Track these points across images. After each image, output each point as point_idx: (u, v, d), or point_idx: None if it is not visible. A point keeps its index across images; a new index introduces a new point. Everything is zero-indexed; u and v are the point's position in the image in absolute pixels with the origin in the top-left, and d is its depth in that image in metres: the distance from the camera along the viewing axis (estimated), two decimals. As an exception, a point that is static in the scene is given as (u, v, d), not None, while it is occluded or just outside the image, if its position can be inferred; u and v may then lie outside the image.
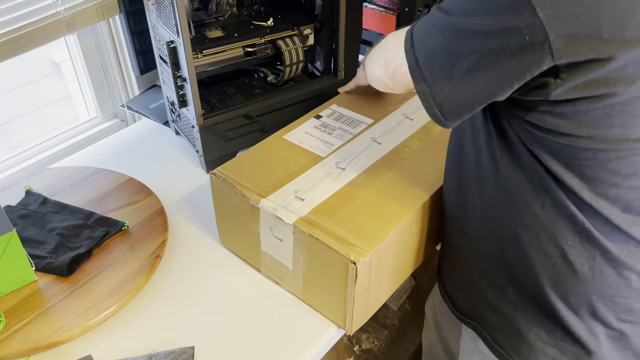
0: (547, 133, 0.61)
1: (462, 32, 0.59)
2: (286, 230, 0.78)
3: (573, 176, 0.62)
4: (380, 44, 0.82)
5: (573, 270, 0.67)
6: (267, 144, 0.93)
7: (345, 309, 0.77)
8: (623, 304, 0.69)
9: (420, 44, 0.66)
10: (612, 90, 0.55)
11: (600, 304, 0.68)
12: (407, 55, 0.67)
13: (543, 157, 0.63)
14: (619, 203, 0.63)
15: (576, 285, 0.68)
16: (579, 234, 0.65)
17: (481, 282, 0.79)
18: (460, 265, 0.84)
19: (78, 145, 1.24)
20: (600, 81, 0.54)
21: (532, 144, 0.64)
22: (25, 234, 0.90)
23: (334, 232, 0.75)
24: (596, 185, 0.62)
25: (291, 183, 0.83)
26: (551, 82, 0.56)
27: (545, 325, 0.73)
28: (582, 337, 0.71)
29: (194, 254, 0.93)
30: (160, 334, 0.80)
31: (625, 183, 0.62)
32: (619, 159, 0.60)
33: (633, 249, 0.66)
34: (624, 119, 0.57)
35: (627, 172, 0.61)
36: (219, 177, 0.84)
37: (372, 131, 0.95)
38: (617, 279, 0.67)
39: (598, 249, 0.65)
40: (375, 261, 0.74)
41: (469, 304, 0.84)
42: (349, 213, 0.78)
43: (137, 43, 1.20)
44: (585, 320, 0.70)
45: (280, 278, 0.86)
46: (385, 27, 1.38)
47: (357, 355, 1.30)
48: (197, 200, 1.04)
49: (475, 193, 0.75)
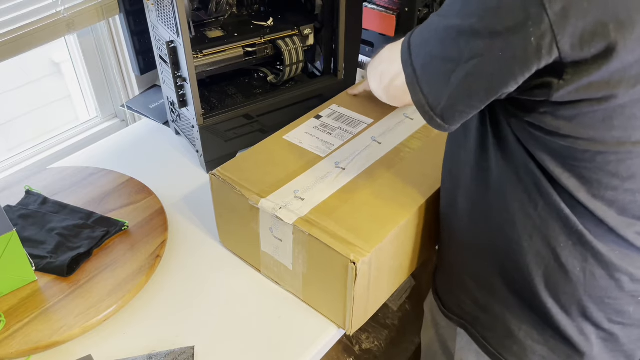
0: (546, 134, 0.61)
1: (463, 35, 0.58)
2: (286, 230, 0.78)
3: (570, 177, 0.62)
4: (377, 55, 0.80)
5: (565, 271, 0.67)
6: (267, 144, 0.93)
7: (345, 309, 0.77)
8: (613, 305, 0.69)
9: (417, 54, 0.64)
10: (614, 92, 0.54)
11: (590, 304, 0.68)
12: (405, 67, 0.65)
13: (541, 157, 0.63)
14: (615, 205, 0.63)
15: (567, 286, 0.68)
16: (571, 235, 0.65)
17: (470, 282, 0.80)
18: (450, 264, 0.84)
19: (78, 145, 1.24)
20: (602, 83, 0.54)
21: (530, 144, 0.63)
22: (25, 234, 0.90)
23: (334, 232, 0.75)
24: (593, 187, 0.62)
25: (291, 183, 0.83)
26: (554, 82, 0.55)
27: (536, 324, 0.73)
28: (572, 337, 0.71)
29: (194, 254, 0.93)
30: (160, 334, 0.80)
31: (623, 186, 0.62)
32: (617, 161, 0.60)
33: (625, 251, 0.66)
34: (624, 121, 0.57)
35: (625, 175, 0.61)
36: (218, 178, 0.84)
37: (372, 131, 0.95)
38: (608, 280, 0.67)
39: (590, 250, 0.65)
40: (375, 261, 0.74)
41: (458, 303, 0.84)
42: (348, 213, 0.78)
43: (137, 43, 1.20)
44: (575, 320, 0.70)
45: (280, 278, 0.86)
46: (385, 27, 1.38)
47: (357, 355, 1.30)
48: (197, 200, 1.04)
49: (465, 193, 0.75)
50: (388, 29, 1.37)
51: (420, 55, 0.64)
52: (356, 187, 0.83)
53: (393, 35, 1.36)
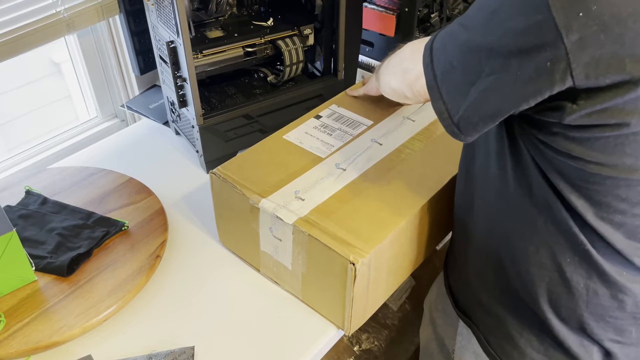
0: (557, 154, 0.60)
1: (481, 51, 0.58)
2: (286, 230, 0.78)
3: (579, 197, 0.62)
4: (396, 53, 0.80)
5: (568, 286, 0.67)
6: (267, 143, 0.93)
7: (344, 310, 0.77)
8: (614, 323, 0.69)
9: (438, 59, 0.64)
10: (627, 120, 0.54)
11: (591, 320, 0.68)
12: (426, 70, 0.66)
13: (551, 175, 0.63)
14: (623, 229, 0.63)
15: (569, 300, 0.68)
16: (578, 253, 0.65)
17: (477, 283, 0.80)
18: (462, 263, 0.84)
19: (78, 145, 1.24)
20: (616, 110, 0.54)
21: (541, 160, 0.63)
22: (25, 234, 0.90)
23: (334, 232, 0.75)
24: (602, 209, 0.62)
25: (291, 183, 0.83)
26: (567, 106, 0.55)
27: (537, 333, 0.73)
28: (572, 348, 0.71)
29: (194, 254, 0.93)
30: (160, 334, 0.80)
31: (632, 210, 0.61)
32: (627, 187, 0.60)
33: (631, 273, 0.66)
34: (636, 149, 0.56)
35: (634, 200, 0.61)
36: (219, 177, 0.84)
37: (373, 132, 0.95)
38: (611, 300, 0.67)
39: (595, 270, 0.65)
40: (374, 262, 0.74)
41: (467, 302, 0.84)
42: (348, 214, 0.78)
43: (137, 43, 1.20)
44: (576, 333, 0.70)
45: (279, 278, 0.86)
46: (385, 27, 1.38)
47: (357, 355, 1.30)
48: (197, 200, 1.04)
49: (481, 197, 0.75)
50: (388, 29, 1.37)
51: (440, 61, 0.64)
52: (356, 189, 0.83)
53: (393, 35, 1.36)
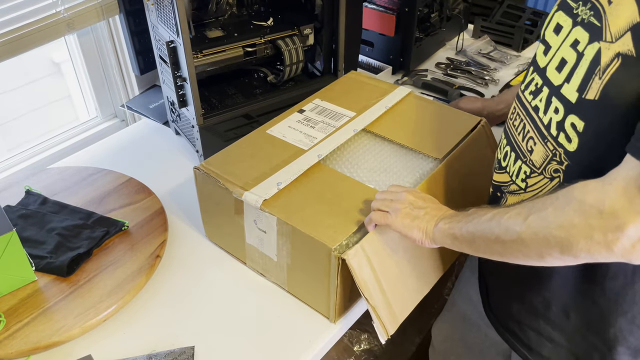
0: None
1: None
2: (270, 222, 0.78)
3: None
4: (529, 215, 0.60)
5: None
6: (251, 138, 0.93)
7: (329, 298, 0.78)
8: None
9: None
10: None
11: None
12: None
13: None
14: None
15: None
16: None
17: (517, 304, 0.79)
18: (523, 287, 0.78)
19: (78, 145, 1.24)
20: None
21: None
22: (25, 234, 0.90)
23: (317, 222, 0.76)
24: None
25: (274, 176, 0.84)
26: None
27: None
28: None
29: (194, 254, 0.93)
30: (160, 334, 0.80)
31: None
32: None
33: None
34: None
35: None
36: (202, 172, 0.85)
37: (354, 124, 0.95)
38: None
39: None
40: (369, 248, 0.75)
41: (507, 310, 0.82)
42: (331, 204, 0.79)
43: (137, 43, 1.20)
44: None
45: (265, 270, 0.87)
46: (385, 27, 1.38)
47: (357, 355, 1.30)
48: (197, 200, 1.03)
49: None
50: (388, 29, 1.37)
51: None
52: (339, 179, 0.83)
53: (393, 34, 1.37)
